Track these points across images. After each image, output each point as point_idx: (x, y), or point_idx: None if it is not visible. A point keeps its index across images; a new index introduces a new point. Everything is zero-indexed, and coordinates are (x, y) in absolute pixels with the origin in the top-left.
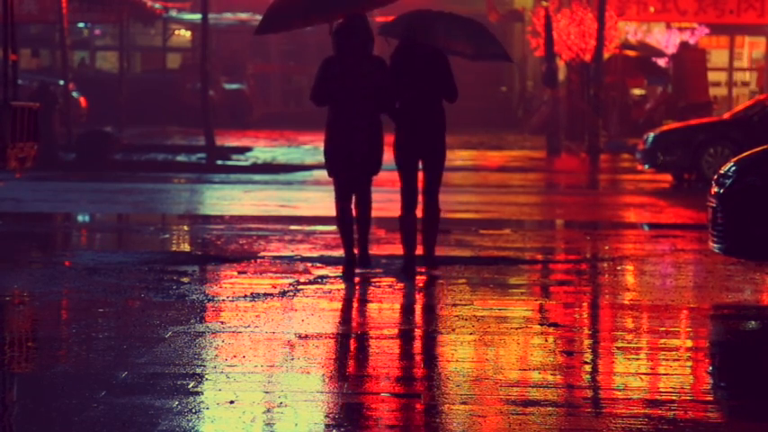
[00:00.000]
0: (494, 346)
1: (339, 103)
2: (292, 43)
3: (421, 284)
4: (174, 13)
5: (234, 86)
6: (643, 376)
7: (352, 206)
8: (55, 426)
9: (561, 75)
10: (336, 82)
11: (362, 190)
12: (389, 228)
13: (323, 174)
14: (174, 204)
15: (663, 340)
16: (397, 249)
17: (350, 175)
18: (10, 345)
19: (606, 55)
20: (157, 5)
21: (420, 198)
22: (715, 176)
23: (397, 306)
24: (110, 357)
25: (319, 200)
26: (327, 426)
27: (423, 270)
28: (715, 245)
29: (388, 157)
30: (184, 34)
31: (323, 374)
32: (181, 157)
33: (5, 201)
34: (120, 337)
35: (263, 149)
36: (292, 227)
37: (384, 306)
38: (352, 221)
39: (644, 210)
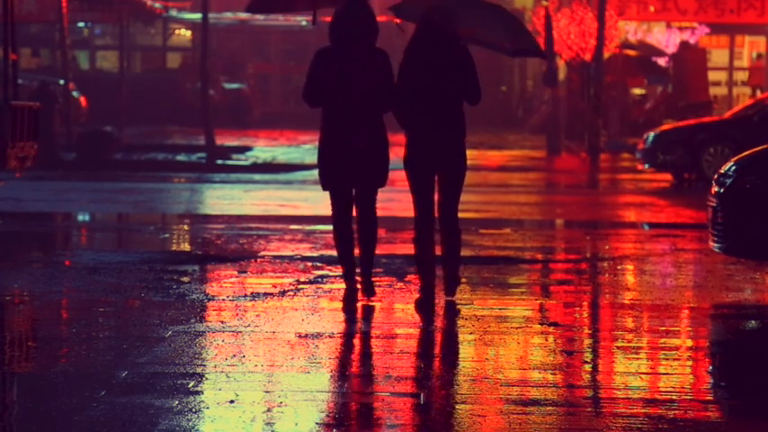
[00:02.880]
0: (494, 345)
1: (335, 103)
2: (292, 43)
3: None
4: (174, 13)
5: (234, 86)
6: (643, 376)
7: (353, 224)
8: (55, 426)
9: (561, 74)
10: (332, 78)
11: (365, 206)
12: (389, 227)
13: None
14: (175, 204)
15: (663, 340)
16: (397, 249)
17: (350, 190)
18: (10, 344)
19: (606, 54)
20: (157, 5)
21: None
22: (715, 176)
23: (397, 306)
24: (110, 357)
25: (319, 199)
26: (327, 425)
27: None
28: (715, 244)
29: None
30: (184, 34)
31: (323, 374)
32: (181, 157)
33: (5, 200)
34: (120, 336)
35: (263, 149)
36: (292, 226)
37: (384, 306)
38: (353, 242)
39: (644, 209)
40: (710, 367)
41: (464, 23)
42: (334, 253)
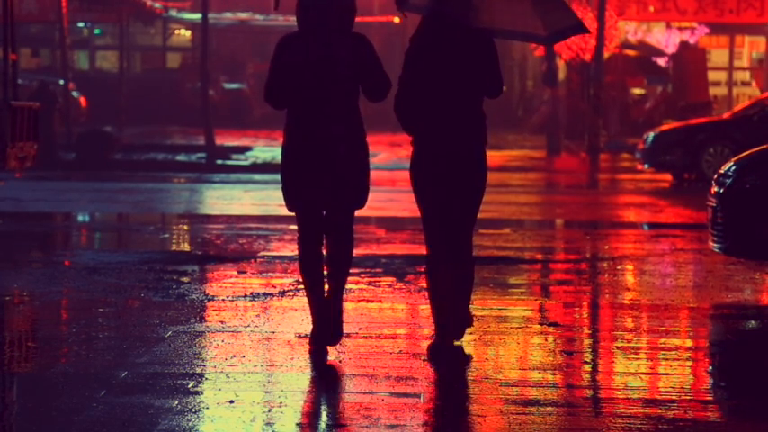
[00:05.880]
0: (494, 345)
1: (303, 104)
2: None
3: (422, 284)
4: (173, 13)
5: (234, 86)
6: (643, 376)
7: (323, 250)
8: (55, 425)
9: (561, 74)
10: (299, 71)
11: (339, 234)
12: (389, 227)
13: None
14: (174, 204)
15: (663, 340)
16: (397, 249)
17: (320, 210)
18: (10, 344)
19: (606, 54)
20: (157, 5)
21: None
22: (715, 176)
23: (397, 306)
24: (110, 357)
25: None
26: (327, 426)
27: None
28: (715, 244)
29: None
30: (184, 34)
31: (323, 374)
32: (181, 157)
33: (5, 200)
34: (120, 336)
35: (263, 149)
36: (292, 226)
37: (384, 306)
38: (323, 275)
39: (644, 209)
40: (710, 367)
41: (483, 16)
42: None
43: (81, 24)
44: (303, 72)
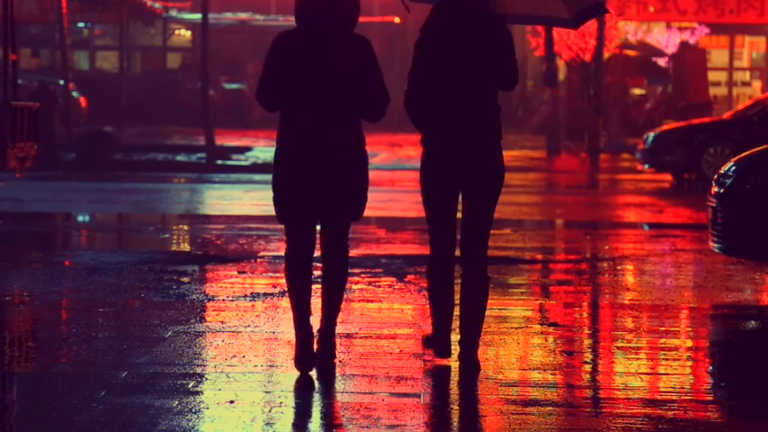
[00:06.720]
0: (494, 345)
1: (299, 106)
2: None
3: (422, 284)
4: (174, 13)
5: (234, 86)
6: (643, 376)
7: (314, 267)
8: (55, 426)
9: (561, 74)
10: (296, 71)
11: (334, 246)
12: (389, 227)
13: None
14: (174, 204)
15: (663, 340)
16: (397, 249)
17: (314, 223)
18: (10, 345)
19: (606, 55)
20: (157, 5)
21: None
22: (715, 176)
23: (397, 306)
24: (110, 357)
25: None
26: (327, 426)
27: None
28: (715, 244)
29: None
30: (184, 34)
31: (323, 374)
32: (181, 157)
33: (5, 201)
34: (120, 336)
35: (263, 149)
36: None
37: (384, 306)
38: (311, 287)
39: (644, 209)
40: (710, 367)
41: (505, 2)
42: None
43: (81, 24)
44: (301, 72)
